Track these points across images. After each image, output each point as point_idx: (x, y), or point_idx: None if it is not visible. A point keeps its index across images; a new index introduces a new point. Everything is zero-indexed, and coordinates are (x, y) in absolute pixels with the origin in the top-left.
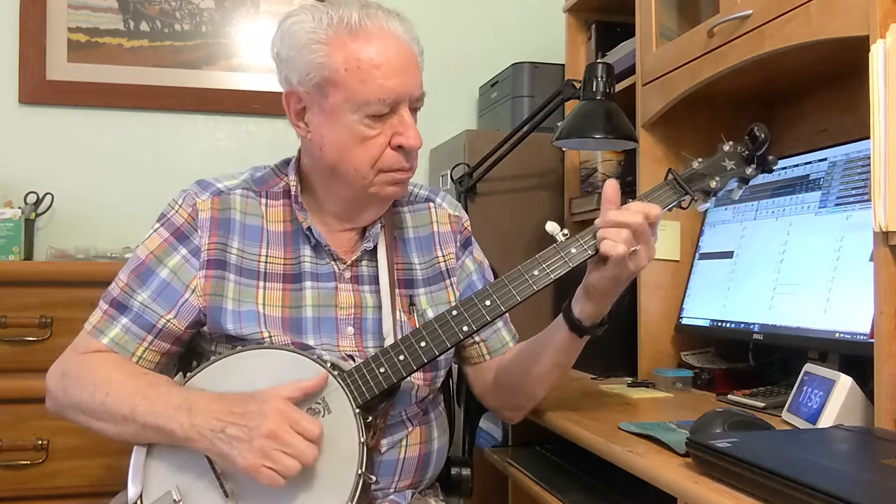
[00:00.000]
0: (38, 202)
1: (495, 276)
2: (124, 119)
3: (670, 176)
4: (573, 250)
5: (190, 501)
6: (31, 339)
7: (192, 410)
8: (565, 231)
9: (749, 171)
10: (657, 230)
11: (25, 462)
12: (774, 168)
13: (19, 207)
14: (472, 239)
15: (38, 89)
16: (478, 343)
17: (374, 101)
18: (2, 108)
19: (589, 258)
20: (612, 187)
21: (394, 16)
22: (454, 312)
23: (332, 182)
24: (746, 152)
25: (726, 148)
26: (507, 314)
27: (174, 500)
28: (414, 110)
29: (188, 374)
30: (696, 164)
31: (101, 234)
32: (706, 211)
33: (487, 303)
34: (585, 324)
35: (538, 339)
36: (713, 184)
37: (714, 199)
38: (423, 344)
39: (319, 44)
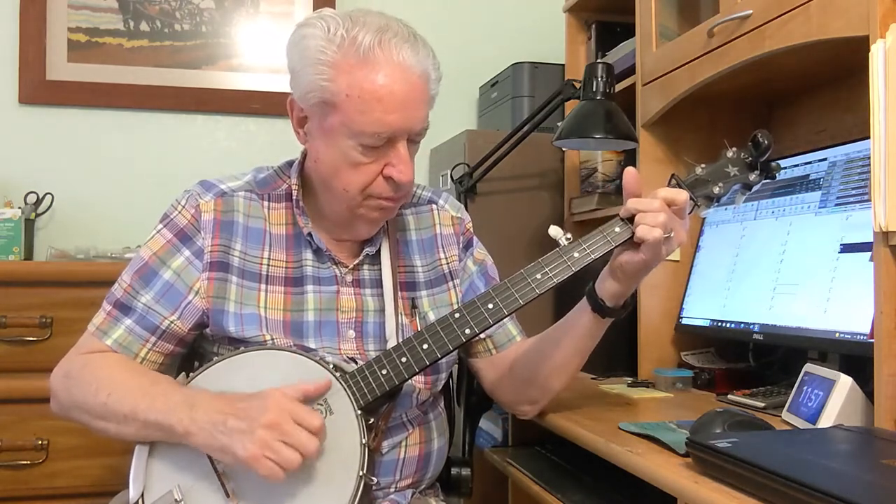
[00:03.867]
0: (38, 202)
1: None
2: (124, 119)
3: (674, 181)
4: (576, 254)
5: (191, 501)
6: (31, 339)
7: (194, 406)
8: (568, 235)
9: (752, 177)
10: (687, 217)
11: (25, 462)
12: (778, 174)
13: (19, 207)
14: (474, 240)
15: (38, 89)
16: (483, 339)
17: (368, 133)
18: (2, 108)
19: (591, 263)
20: (632, 175)
21: (409, 44)
22: (457, 315)
23: (326, 192)
24: (750, 158)
25: (730, 154)
26: None
27: (175, 499)
28: (413, 142)
29: (191, 374)
30: (699, 170)
31: (101, 234)
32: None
33: (490, 306)
34: (609, 304)
35: (557, 327)
36: (716, 189)
37: (716, 204)
38: (425, 346)
39: (326, 66)
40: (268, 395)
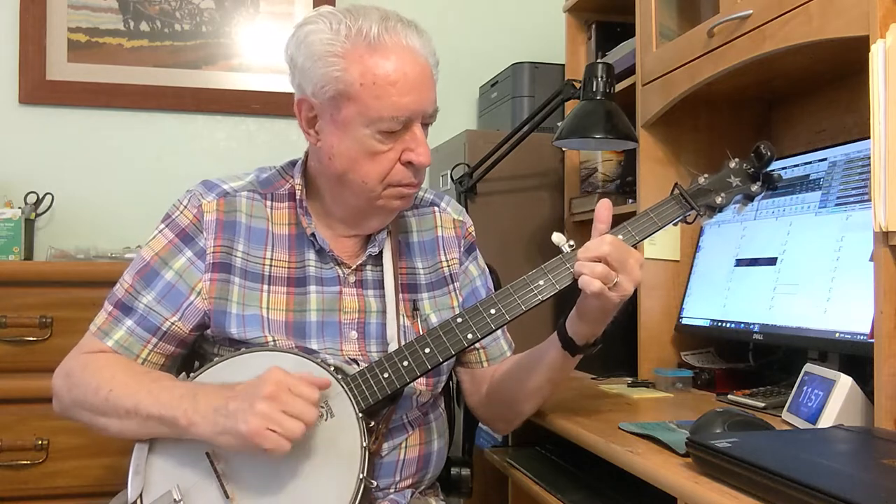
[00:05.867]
0: (38, 202)
1: (495, 283)
2: (124, 119)
3: (676, 191)
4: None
5: (190, 501)
6: (31, 339)
7: (197, 397)
8: (571, 242)
9: (754, 188)
10: (637, 269)
11: (25, 462)
12: (779, 185)
13: (19, 207)
14: (476, 245)
15: (38, 89)
16: (478, 349)
17: (387, 118)
18: (2, 108)
19: None
20: (604, 207)
21: (412, 29)
22: (459, 320)
23: (339, 190)
24: (752, 169)
25: (732, 165)
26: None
27: (174, 499)
28: (426, 125)
29: (191, 375)
30: (701, 180)
31: (101, 234)
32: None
33: (492, 311)
34: (579, 343)
35: (532, 355)
36: (719, 200)
37: (719, 213)
38: (427, 350)
39: (336, 56)
40: (265, 373)
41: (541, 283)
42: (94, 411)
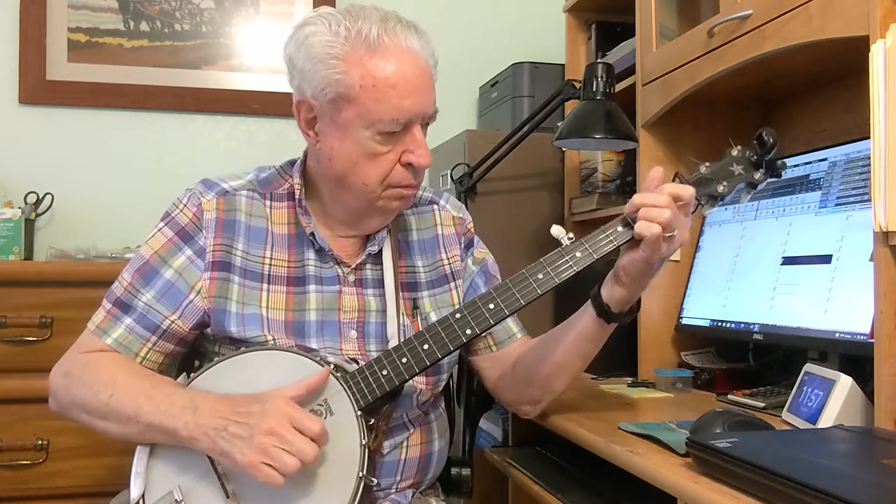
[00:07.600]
0: (38, 202)
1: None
2: (124, 119)
3: (678, 180)
4: (578, 254)
5: (191, 502)
6: (31, 339)
7: (198, 410)
8: (570, 235)
9: (757, 175)
10: (690, 215)
11: (25, 462)
12: (783, 173)
13: (19, 207)
14: (475, 239)
15: (38, 89)
16: (483, 337)
17: (387, 121)
18: (2, 108)
19: (594, 262)
20: (657, 172)
21: (412, 30)
22: (457, 315)
23: (338, 191)
24: (755, 157)
25: (734, 152)
26: None
27: (176, 500)
28: (425, 126)
29: (192, 375)
30: (703, 169)
31: (101, 234)
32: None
33: (491, 306)
34: (614, 310)
35: (562, 327)
36: (721, 188)
37: (721, 203)
38: (425, 347)
39: (336, 59)
40: (268, 400)
41: (540, 276)
42: (93, 414)
